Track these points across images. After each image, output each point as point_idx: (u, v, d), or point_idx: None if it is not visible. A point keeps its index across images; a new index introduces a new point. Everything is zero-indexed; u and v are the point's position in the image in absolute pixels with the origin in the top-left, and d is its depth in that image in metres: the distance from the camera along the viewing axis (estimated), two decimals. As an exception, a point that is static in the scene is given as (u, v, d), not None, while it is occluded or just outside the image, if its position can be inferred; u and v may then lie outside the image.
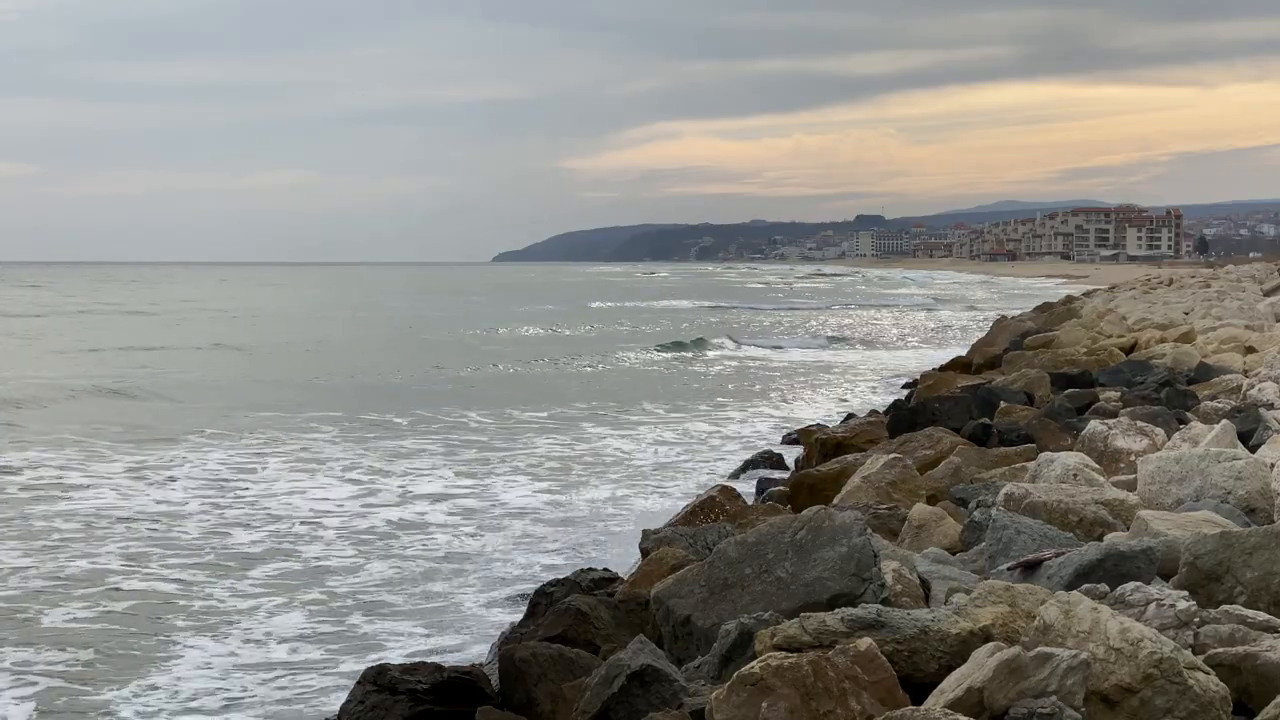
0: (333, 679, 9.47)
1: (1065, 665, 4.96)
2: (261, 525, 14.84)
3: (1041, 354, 23.07)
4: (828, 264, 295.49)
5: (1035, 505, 7.96)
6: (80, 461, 18.96)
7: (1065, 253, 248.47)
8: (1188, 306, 31.82)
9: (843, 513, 7.43)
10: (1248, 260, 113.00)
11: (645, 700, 6.00)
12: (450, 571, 12.75)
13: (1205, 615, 5.71)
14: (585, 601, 8.17)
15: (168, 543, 13.88)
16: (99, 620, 11.02)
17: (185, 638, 10.51)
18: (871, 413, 20.20)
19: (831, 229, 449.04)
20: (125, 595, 11.78)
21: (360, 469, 18.65)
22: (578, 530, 14.66)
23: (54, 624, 10.89)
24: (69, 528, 14.48)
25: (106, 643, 10.37)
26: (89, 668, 9.80)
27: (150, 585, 12.14)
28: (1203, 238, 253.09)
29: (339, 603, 11.66)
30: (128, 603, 11.55)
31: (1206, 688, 5.04)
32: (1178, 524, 7.19)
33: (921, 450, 12.42)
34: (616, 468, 19.08)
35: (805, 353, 43.38)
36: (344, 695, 7.55)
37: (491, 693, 7.29)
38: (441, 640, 10.52)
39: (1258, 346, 19.79)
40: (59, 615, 11.12)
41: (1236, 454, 8.55)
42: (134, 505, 15.80)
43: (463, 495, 16.81)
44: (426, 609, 11.45)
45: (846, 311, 77.42)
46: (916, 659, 5.59)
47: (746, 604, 6.58)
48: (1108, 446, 10.58)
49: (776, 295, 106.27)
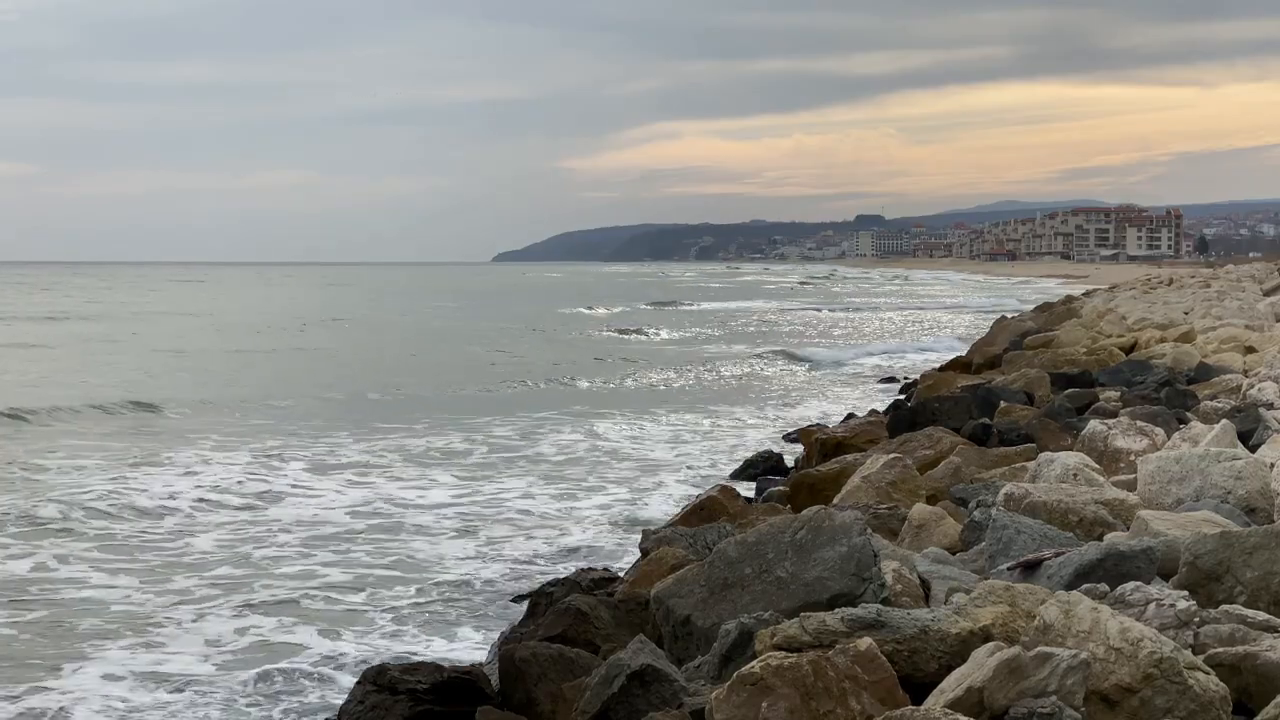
0: (332, 680, 9.47)
1: (1065, 665, 4.96)
2: (262, 526, 14.86)
3: (1041, 354, 23.06)
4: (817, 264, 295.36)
5: (1035, 505, 7.96)
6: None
7: (1065, 253, 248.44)
8: (1188, 306, 31.81)
9: (843, 513, 7.43)
10: (1248, 260, 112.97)
11: (645, 700, 6.00)
12: (450, 571, 12.74)
13: (1205, 615, 5.71)
14: (585, 601, 8.18)
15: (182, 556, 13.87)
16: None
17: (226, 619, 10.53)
18: (871, 412, 20.21)
19: (831, 229, 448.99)
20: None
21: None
22: (579, 528, 14.67)
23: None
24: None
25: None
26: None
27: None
28: (1203, 238, 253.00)
29: (339, 602, 11.66)
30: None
31: (1206, 688, 5.04)
32: (1178, 524, 7.19)
33: (921, 450, 12.42)
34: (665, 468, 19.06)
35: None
36: (343, 695, 7.56)
37: (491, 693, 7.30)
38: (441, 640, 10.52)
39: (1258, 346, 19.78)
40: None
41: (1236, 454, 8.55)
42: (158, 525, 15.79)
43: (464, 496, 16.83)
44: (426, 609, 11.45)
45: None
46: (916, 659, 5.59)
47: (746, 604, 6.58)
48: (1108, 446, 10.58)
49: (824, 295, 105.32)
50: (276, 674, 9.57)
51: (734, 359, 40.56)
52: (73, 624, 10.94)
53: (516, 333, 55.03)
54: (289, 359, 40.61)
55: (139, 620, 11.05)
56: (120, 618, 11.12)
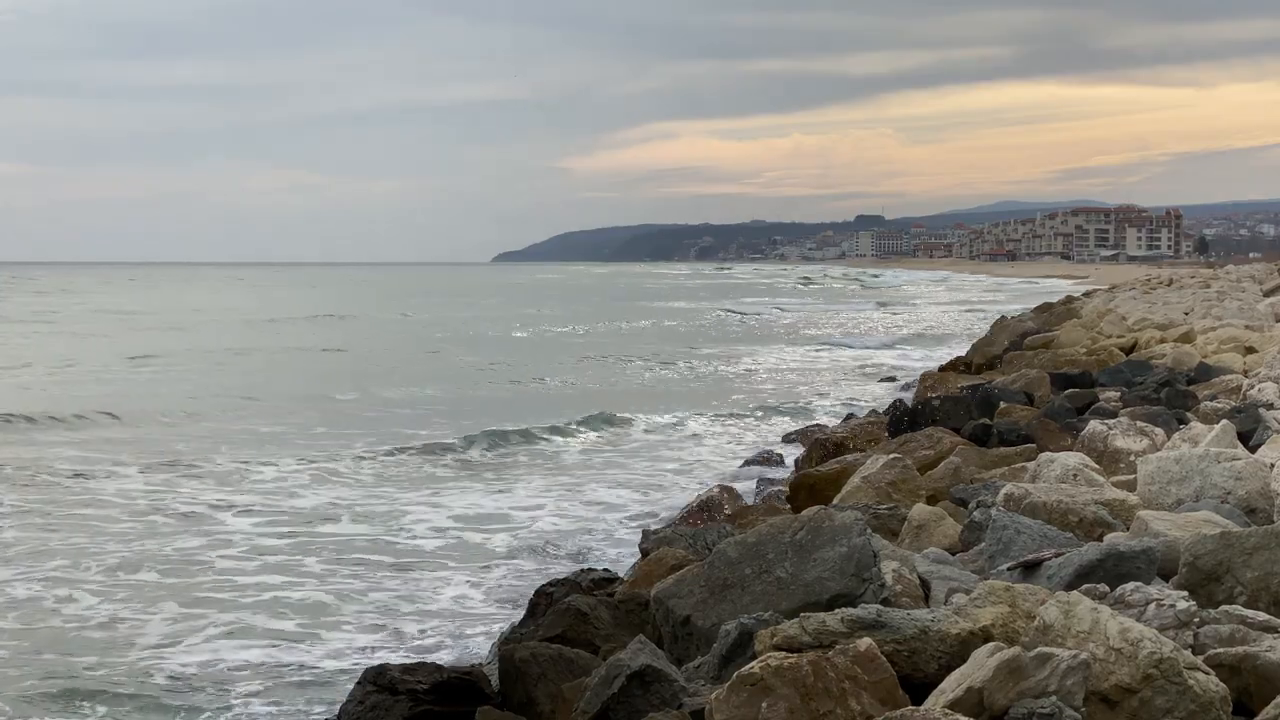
0: (332, 680, 9.47)
1: (1065, 665, 4.96)
2: (262, 528, 14.87)
3: (1041, 354, 23.06)
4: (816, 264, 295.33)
5: (1035, 505, 7.96)
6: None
7: (1065, 253, 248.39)
8: (1188, 307, 31.80)
9: (843, 513, 7.43)
10: (1248, 260, 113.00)
11: (645, 700, 6.00)
12: (449, 571, 12.74)
13: (1205, 615, 5.71)
14: (585, 601, 8.17)
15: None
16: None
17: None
18: (871, 413, 20.21)
19: (831, 229, 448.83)
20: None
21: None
22: (579, 529, 14.67)
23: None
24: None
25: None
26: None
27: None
28: (1203, 238, 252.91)
29: (339, 602, 11.66)
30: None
31: (1206, 688, 5.04)
32: (1178, 524, 7.19)
33: (921, 450, 12.41)
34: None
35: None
36: (342, 695, 7.56)
37: (491, 693, 7.29)
38: (441, 640, 10.52)
39: (1258, 346, 19.78)
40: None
41: (1236, 454, 8.55)
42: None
43: (467, 494, 16.83)
44: (425, 609, 11.45)
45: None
46: (916, 659, 5.59)
47: (746, 604, 6.58)
48: (1108, 446, 10.58)
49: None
50: (276, 674, 9.58)
51: (735, 359, 40.58)
52: (79, 626, 10.95)
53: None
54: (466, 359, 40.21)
55: (140, 619, 11.07)
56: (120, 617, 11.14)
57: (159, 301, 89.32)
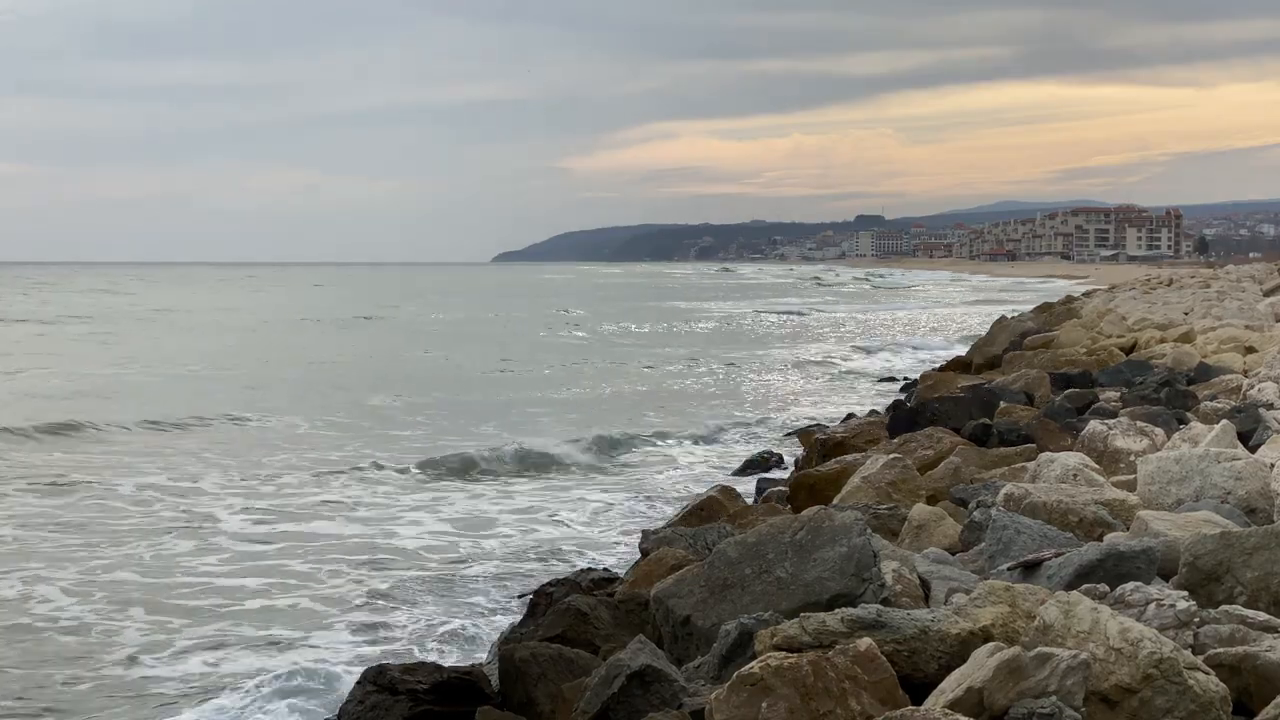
0: (332, 681, 9.46)
1: (1065, 665, 4.96)
2: (263, 527, 14.87)
3: (1041, 354, 23.05)
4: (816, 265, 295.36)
5: (1035, 505, 7.95)
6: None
7: (1065, 253, 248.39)
8: (1188, 306, 31.79)
9: (843, 513, 7.43)
10: (1248, 260, 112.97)
11: (645, 700, 6.00)
12: (449, 571, 12.74)
13: (1205, 615, 5.71)
14: (585, 601, 8.18)
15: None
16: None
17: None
18: (871, 413, 20.21)
19: (831, 229, 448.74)
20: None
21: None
22: (578, 530, 14.67)
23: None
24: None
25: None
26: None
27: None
28: (1203, 238, 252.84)
29: (338, 602, 11.66)
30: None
31: (1206, 688, 5.04)
32: (1178, 524, 7.19)
33: (921, 450, 12.41)
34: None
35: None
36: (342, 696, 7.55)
37: (491, 693, 7.29)
38: (441, 640, 10.51)
39: (1258, 346, 19.78)
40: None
41: (1236, 454, 8.55)
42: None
43: (468, 494, 16.84)
44: (426, 609, 11.44)
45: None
46: (916, 659, 5.59)
47: (746, 604, 6.58)
48: (1108, 446, 10.57)
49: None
50: (276, 674, 9.57)
51: (733, 359, 40.56)
52: (83, 626, 10.96)
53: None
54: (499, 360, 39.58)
55: (139, 619, 11.08)
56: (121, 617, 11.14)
57: (193, 300, 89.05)
